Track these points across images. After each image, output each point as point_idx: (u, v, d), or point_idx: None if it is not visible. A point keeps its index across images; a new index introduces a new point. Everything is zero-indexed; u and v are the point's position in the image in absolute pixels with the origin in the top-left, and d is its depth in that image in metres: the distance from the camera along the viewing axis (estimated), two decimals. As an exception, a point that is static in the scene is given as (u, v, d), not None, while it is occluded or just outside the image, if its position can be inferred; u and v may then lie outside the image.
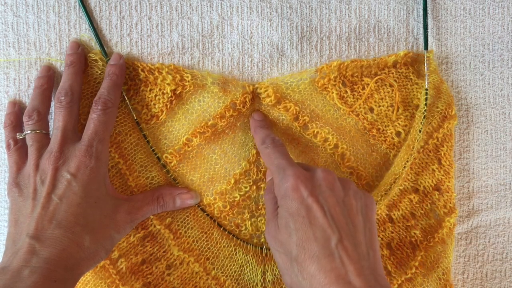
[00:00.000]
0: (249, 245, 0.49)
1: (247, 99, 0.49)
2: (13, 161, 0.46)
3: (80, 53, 0.48)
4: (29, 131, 0.46)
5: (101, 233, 0.44)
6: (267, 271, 0.49)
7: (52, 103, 0.48)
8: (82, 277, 0.48)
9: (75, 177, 0.43)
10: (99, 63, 0.48)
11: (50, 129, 0.48)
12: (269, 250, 0.49)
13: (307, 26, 0.50)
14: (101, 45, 0.49)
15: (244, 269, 0.48)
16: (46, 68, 0.49)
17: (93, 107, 0.46)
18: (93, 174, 0.44)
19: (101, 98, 0.46)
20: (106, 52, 0.49)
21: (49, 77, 0.48)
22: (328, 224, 0.40)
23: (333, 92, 0.49)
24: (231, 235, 0.49)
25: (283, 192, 0.42)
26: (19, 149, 0.47)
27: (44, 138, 0.46)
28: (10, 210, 0.45)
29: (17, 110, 0.48)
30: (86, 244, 0.42)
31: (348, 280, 0.38)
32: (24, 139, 0.47)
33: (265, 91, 0.49)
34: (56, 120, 0.45)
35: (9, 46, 0.49)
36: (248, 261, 0.48)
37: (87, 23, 0.49)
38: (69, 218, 0.42)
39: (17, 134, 0.47)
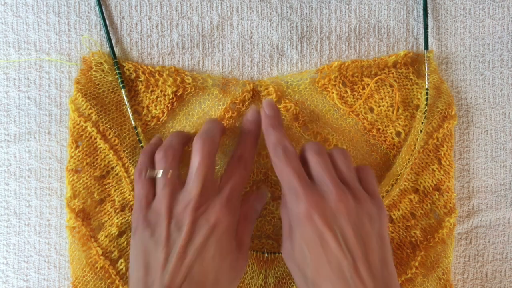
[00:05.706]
0: (249, 251, 0.48)
1: (246, 97, 0.49)
2: (143, 194, 0.43)
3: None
4: (162, 171, 0.43)
5: None
6: (269, 275, 0.49)
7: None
8: (82, 278, 0.48)
9: (213, 229, 0.41)
10: (104, 65, 0.48)
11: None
12: (270, 254, 0.49)
13: (307, 26, 0.50)
14: (112, 47, 0.48)
15: (245, 274, 0.48)
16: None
17: (236, 161, 0.44)
18: (229, 227, 0.42)
19: (243, 156, 0.44)
20: (115, 54, 0.48)
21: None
22: (340, 249, 0.40)
23: (333, 92, 0.49)
24: None
25: (295, 216, 0.41)
26: (150, 181, 0.44)
27: (176, 181, 0.43)
28: (137, 248, 0.42)
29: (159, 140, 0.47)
30: None
31: None
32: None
33: (266, 88, 0.49)
34: (195, 164, 0.42)
35: (9, 46, 0.49)
36: (249, 266, 0.48)
37: (101, 23, 0.48)
38: (201, 274, 0.40)
39: (149, 170, 0.44)
